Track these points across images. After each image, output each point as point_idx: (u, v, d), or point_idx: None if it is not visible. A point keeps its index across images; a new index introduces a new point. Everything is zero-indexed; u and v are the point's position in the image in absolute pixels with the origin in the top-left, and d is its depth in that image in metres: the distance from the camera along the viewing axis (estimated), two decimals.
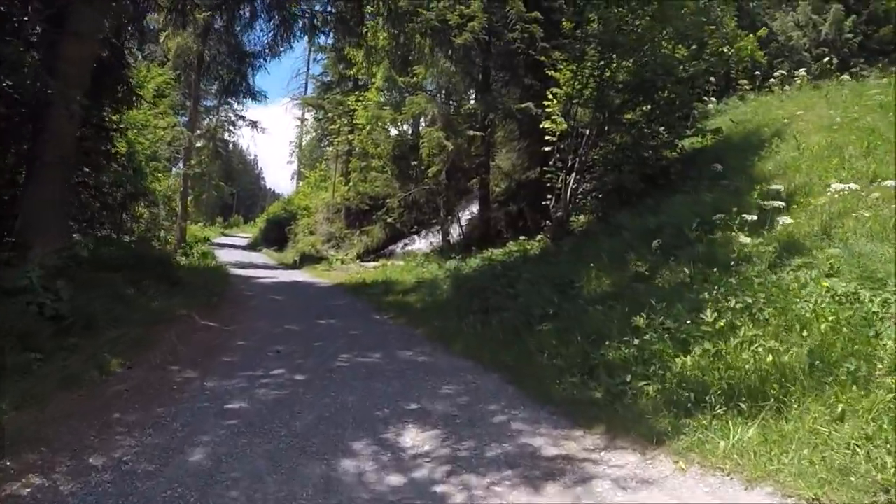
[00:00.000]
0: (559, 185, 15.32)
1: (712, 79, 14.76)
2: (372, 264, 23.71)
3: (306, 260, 27.12)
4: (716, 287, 6.85)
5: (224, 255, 29.22)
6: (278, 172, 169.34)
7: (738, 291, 6.61)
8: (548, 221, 15.82)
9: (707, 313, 6.20)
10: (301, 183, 47.94)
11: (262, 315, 11.86)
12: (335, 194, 30.97)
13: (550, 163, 15.18)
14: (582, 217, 16.07)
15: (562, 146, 15.09)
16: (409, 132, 21.86)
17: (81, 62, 10.23)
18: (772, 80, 17.60)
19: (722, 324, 6.07)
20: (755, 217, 8.42)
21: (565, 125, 14.84)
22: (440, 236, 23.83)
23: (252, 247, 41.53)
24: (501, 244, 18.04)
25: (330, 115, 30.34)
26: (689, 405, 5.29)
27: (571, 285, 10.05)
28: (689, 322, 6.42)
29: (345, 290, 16.87)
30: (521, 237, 16.89)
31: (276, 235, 39.00)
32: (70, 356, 7.00)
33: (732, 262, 7.66)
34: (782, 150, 11.61)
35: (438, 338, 9.82)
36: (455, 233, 23.23)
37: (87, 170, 13.24)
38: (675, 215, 10.38)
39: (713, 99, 15.59)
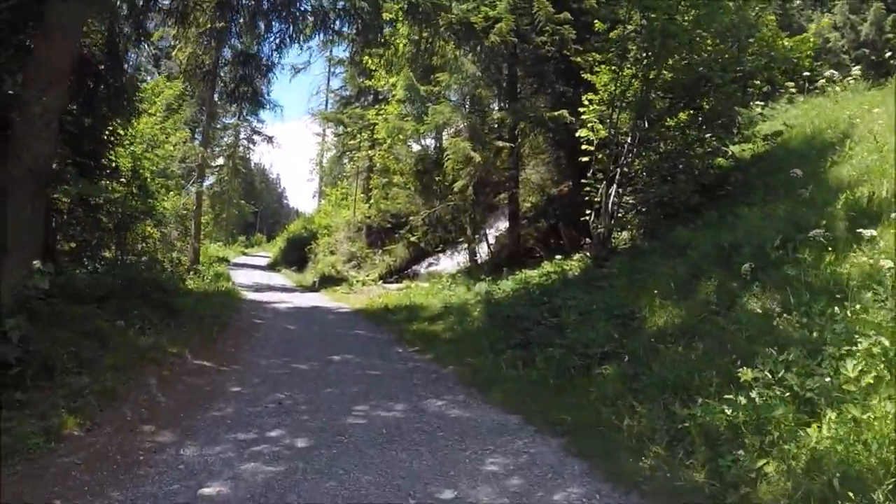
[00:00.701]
0: (598, 199, 13.71)
1: (757, 81, 13.07)
2: (395, 286, 22.14)
3: (326, 281, 25.59)
4: (831, 322, 5.22)
5: (240, 277, 27.88)
6: (301, 192, 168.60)
7: (866, 330, 4.96)
8: (587, 239, 14.17)
9: (848, 365, 4.53)
10: (322, 201, 46.51)
11: (268, 350, 10.30)
12: (356, 212, 29.47)
13: (589, 174, 13.58)
14: (625, 233, 14.43)
15: (599, 156, 13.50)
16: (433, 146, 20.32)
17: (57, 62, 8.75)
18: (821, 80, 15.87)
19: (870, 380, 4.41)
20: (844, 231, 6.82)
21: (604, 132, 13.29)
22: (467, 255, 22.24)
23: (271, 267, 40.10)
24: (535, 264, 16.44)
25: (349, 129, 28.88)
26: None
27: (631, 316, 8.44)
28: (817, 374, 4.76)
29: (365, 316, 15.30)
30: (557, 256, 15.23)
31: (296, 256, 37.56)
32: (13, 416, 5.49)
33: (842, 289, 5.99)
34: (856, 153, 9.88)
35: (472, 380, 8.26)
36: (482, 252, 21.62)
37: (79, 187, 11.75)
38: (748, 231, 8.69)
39: (759, 102, 13.86)
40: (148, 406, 6.55)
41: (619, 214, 13.73)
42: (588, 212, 13.97)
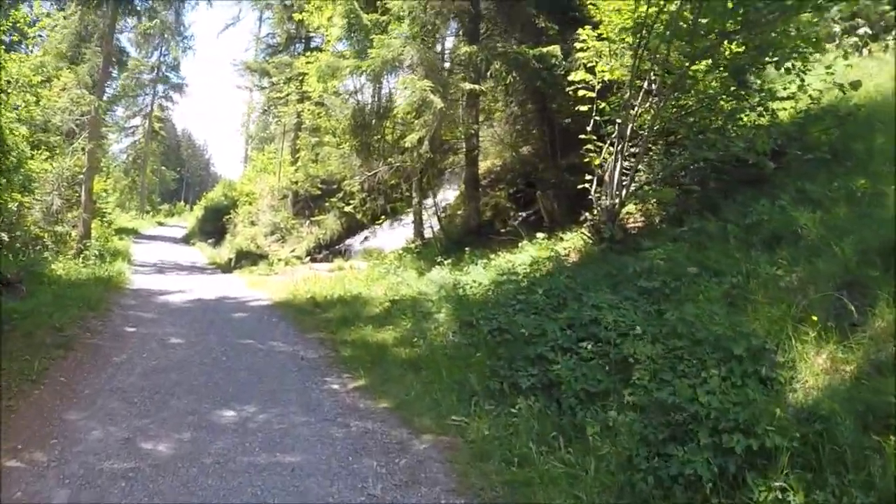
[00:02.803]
0: (602, 162, 9.98)
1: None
2: (325, 266, 17.89)
3: (244, 258, 21.09)
4: None
5: (145, 254, 23.22)
6: (231, 159, 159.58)
7: None
8: (585, 213, 10.35)
9: None
10: (247, 167, 41.34)
11: (116, 401, 6.04)
12: (281, 177, 24.86)
13: (588, 129, 9.82)
14: (632, 207, 10.69)
15: (603, 106, 9.78)
16: (371, 97, 16.00)
17: None
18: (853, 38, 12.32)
19: None
20: None
21: (619, 72, 9.55)
22: (411, 229, 18.12)
23: (186, 240, 35.04)
24: (504, 244, 12.52)
25: (276, 80, 24.17)
26: None
27: (761, 353, 4.58)
28: None
29: (285, 314, 11.06)
30: (539, 235, 11.36)
31: (213, 227, 32.66)
32: None
33: None
34: None
35: (484, 479, 4.31)
36: (431, 225, 17.55)
37: None
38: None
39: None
40: None
41: (632, 184, 9.93)
42: (588, 178, 10.21)
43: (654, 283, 7.18)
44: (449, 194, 18.89)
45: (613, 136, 10.04)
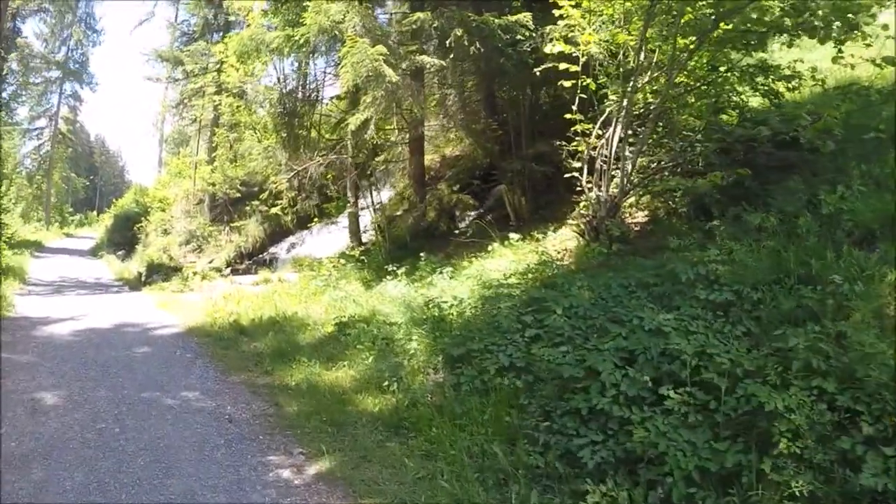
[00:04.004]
0: (593, 148, 7.98)
1: None
2: (249, 279, 15.28)
3: (155, 272, 18.11)
4: None
5: (44, 270, 19.98)
6: (146, 167, 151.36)
7: None
8: (583, 208, 8.34)
9: None
10: (162, 171, 37.59)
11: None
12: (196, 179, 21.88)
13: (574, 109, 8.00)
14: (631, 200, 8.72)
15: (589, 83, 7.98)
16: (302, 81, 13.49)
17: None
18: None
19: None
20: None
21: (617, 38, 7.60)
22: (346, 233, 15.71)
23: (94, 252, 31.41)
24: (463, 248, 10.38)
25: (190, 69, 21.18)
26: None
27: None
28: None
29: (202, 346, 8.44)
30: (511, 234, 9.25)
31: (123, 237, 29.28)
32: None
33: None
34: None
35: None
36: (368, 228, 15.18)
37: None
38: None
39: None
40: None
41: (633, 172, 7.98)
42: (575, 166, 8.19)
43: (724, 295, 5.11)
44: (382, 195, 16.50)
45: (607, 115, 8.06)
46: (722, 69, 7.97)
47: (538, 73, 8.41)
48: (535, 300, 6.16)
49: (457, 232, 12.36)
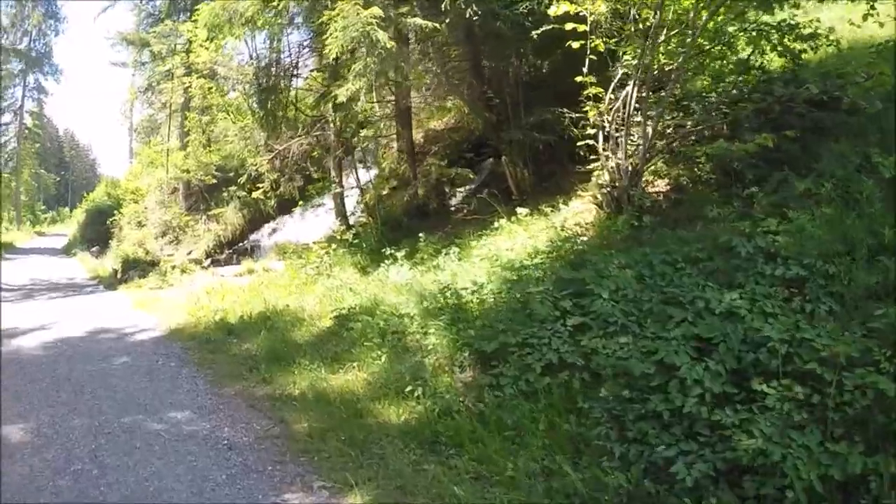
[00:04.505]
0: (607, 113, 7.13)
1: None
2: (231, 270, 14.31)
3: (132, 268, 16.97)
4: None
5: (16, 272, 18.84)
6: (119, 159, 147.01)
7: None
8: (598, 178, 7.52)
9: None
10: (134, 162, 36.00)
11: None
12: (169, 168, 20.62)
13: (584, 71, 7.16)
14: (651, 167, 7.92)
15: (598, 43, 7.13)
16: (279, 56, 12.36)
17: None
18: None
19: None
20: None
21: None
22: (330, 216, 14.65)
23: (67, 250, 30.05)
24: (463, 226, 9.57)
25: (157, 50, 19.88)
26: None
27: None
28: None
29: (187, 352, 7.44)
30: (519, 210, 8.39)
31: (97, 232, 27.97)
32: None
33: None
34: None
35: None
36: (355, 209, 14.18)
37: None
38: None
39: None
40: None
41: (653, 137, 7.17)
42: (590, 131, 7.37)
43: (794, 270, 4.31)
44: (362, 175, 15.43)
45: (620, 78, 7.28)
46: (731, 29, 7.29)
47: (535, 37, 7.52)
48: (570, 282, 5.31)
49: (453, 209, 11.48)
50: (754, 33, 7.20)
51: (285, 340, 7.14)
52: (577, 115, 7.56)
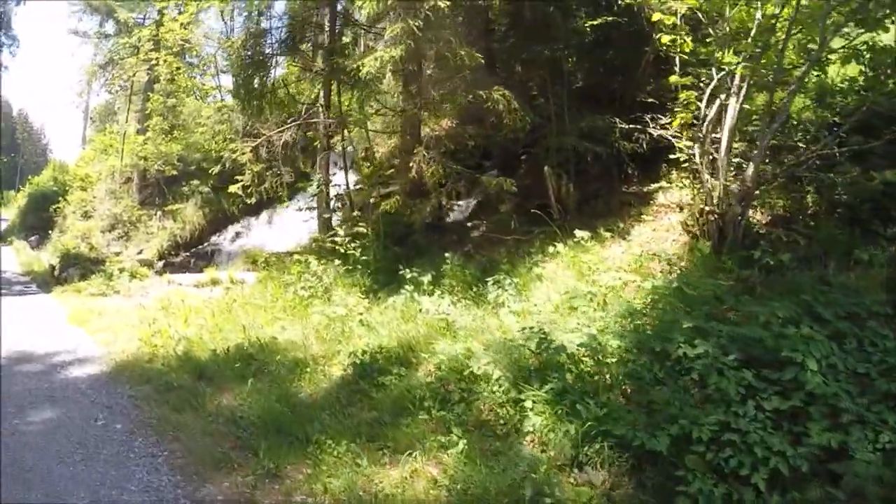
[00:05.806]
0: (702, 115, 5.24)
1: None
2: (193, 279, 11.85)
3: (72, 265, 14.34)
4: None
5: None
6: (72, 145, 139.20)
7: None
8: (695, 199, 5.65)
9: None
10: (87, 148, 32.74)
11: None
12: (124, 154, 17.92)
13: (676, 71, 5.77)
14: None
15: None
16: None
17: None
18: None
19: None
20: None
21: None
22: (302, 222, 12.12)
23: (4, 237, 26.90)
24: (490, 246, 7.57)
25: (123, 19, 17.35)
26: None
27: None
28: None
29: (142, 407, 5.06)
30: (576, 231, 6.40)
31: (39, 219, 25.19)
32: None
33: None
34: None
35: None
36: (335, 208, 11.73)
37: None
38: None
39: None
40: None
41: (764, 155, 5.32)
42: (682, 142, 5.48)
43: None
44: (339, 179, 13.04)
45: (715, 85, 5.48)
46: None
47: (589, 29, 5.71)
48: (737, 340, 3.30)
49: (469, 224, 9.38)
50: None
51: (286, 397, 4.90)
52: (629, 125, 6.85)
